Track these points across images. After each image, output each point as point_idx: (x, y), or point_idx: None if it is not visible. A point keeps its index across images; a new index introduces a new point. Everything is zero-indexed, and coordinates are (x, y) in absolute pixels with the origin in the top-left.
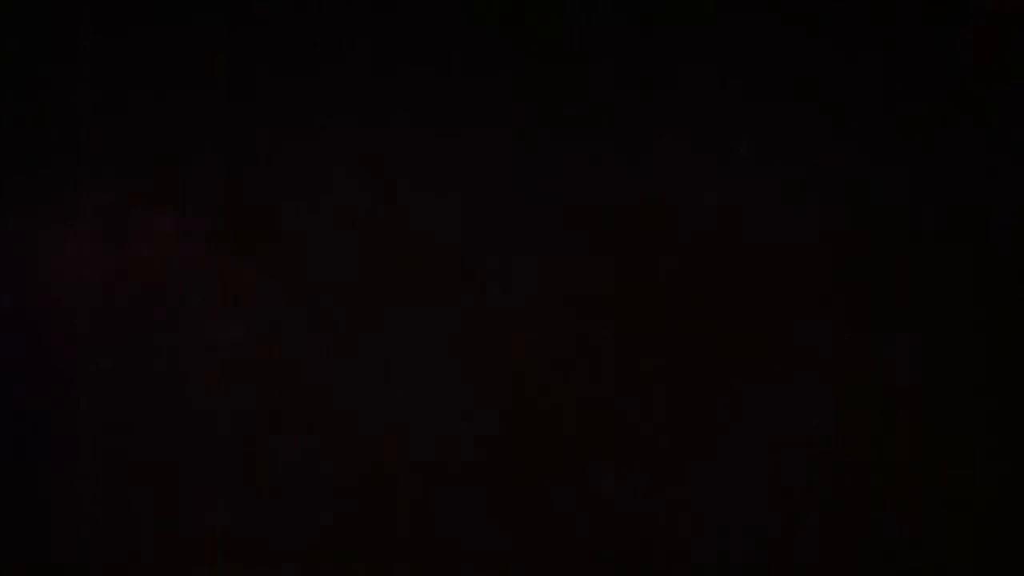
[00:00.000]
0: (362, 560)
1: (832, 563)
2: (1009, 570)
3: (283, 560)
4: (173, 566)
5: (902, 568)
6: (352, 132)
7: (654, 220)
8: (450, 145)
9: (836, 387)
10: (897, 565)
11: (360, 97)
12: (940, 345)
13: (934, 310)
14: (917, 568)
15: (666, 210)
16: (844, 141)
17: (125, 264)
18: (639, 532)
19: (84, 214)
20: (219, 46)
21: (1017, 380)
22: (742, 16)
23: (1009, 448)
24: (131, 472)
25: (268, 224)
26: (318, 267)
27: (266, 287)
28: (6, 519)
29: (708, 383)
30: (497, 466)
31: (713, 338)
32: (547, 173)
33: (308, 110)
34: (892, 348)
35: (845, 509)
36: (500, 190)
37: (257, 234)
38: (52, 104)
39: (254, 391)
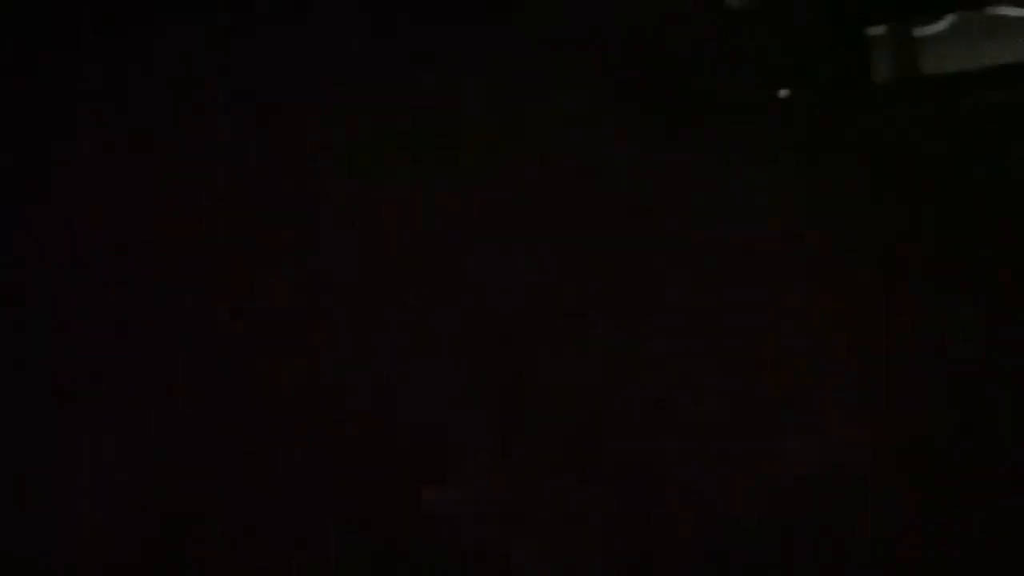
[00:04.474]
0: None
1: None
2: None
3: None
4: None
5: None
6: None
7: (653, 220)
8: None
9: (835, 386)
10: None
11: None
12: (940, 342)
13: (934, 308)
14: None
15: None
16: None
17: (124, 264)
18: (639, 530)
19: (81, 200)
20: (217, 42)
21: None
22: None
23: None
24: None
25: (266, 218)
26: (317, 263)
27: (265, 285)
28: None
29: (705, 381)
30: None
31: (714, 335)
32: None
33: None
34: (897, 348)
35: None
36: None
37: (255, 230)
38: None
39: (248, 388)
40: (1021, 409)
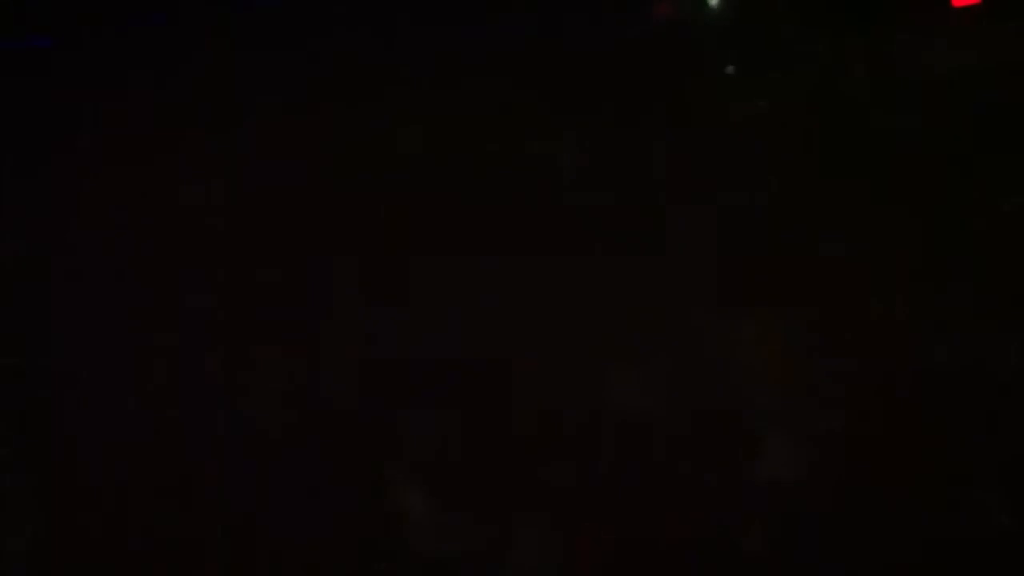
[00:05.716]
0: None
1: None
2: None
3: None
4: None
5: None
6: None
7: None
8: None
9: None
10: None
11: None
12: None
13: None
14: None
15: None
16: None
17: (124, 264)
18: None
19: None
20: (217, 43)
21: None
22: None
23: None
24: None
25: (265, 218)
26: (316, 263)
27: (264, 284)
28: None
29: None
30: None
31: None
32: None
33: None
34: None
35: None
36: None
37: (254, 229)
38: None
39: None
40: (1008, 411)
